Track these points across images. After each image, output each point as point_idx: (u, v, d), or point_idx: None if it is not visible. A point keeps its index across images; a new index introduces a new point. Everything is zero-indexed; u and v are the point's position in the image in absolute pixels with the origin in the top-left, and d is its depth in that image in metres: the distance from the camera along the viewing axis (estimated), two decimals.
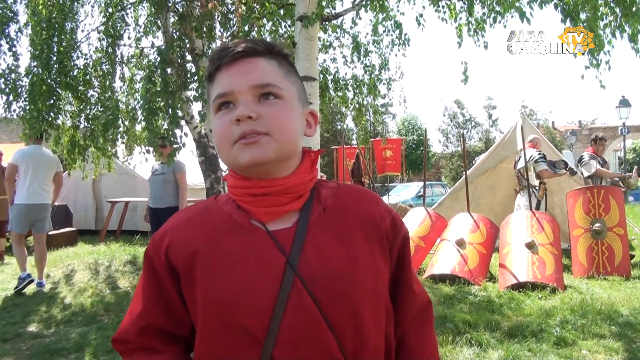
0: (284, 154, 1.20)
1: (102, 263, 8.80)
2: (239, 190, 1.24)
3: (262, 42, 1.25)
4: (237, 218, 1.23)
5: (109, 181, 13.18)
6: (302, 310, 1.13)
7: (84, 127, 8.56)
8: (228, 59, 1.20)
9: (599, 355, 4.50)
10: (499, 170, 9.99)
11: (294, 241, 1.18)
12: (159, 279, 1.25)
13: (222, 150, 1.21)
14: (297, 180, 1.23)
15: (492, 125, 38.15)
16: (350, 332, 1.16)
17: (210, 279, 1.17)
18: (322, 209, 1.25)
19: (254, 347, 1.12)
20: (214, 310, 1.16)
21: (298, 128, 1.24)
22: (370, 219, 1.28)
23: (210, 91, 1.25)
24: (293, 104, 1.24)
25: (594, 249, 7.51)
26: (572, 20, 5.47)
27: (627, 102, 23.18)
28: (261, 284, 1.14)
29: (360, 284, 1.20)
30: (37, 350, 5.04)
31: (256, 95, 1.18)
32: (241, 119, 1.15)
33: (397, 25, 7.82)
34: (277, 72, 1.23)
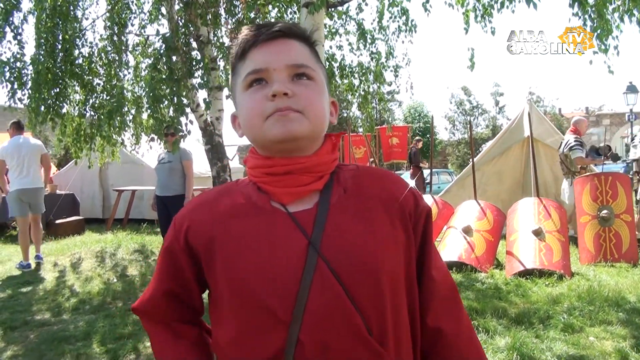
0: (314, 134, 1.21)
1: (109, 251, 8.84)
2: (259, 171, 1.25)
3: (297, 26, 1.27)
4: (257, 200, 1.23)
5: (116, 170, 13.20)
6: (326, 291, 1.13)
7: (89, 115, 8.55)
8: (265, 37, 1.21)
9: (606, 341, 4.49)
10: (506, 158, 9.95)
11: (315, 222, 1.18)
12: (176, 261, 1.27)
13: (253, 125, 1.21)
14: (319, 160, 1.24)
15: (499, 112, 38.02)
16: (374, 311, 1.16)
17: (232, 262, 1.18)
18: (342, 190, 1.25)
19: (280, 330, 1.12)
20: (237, 294, 1.17)
21: (326, 112, 1.25)
22: (392, 198, 1.27)
23: (240, 68, 1.25)
24: (323, 88, 1.26)
25: (602, 235, 7.48)
26: (581, 5, 5.41)
27: (634, 89, 23.02)
28: (284, 266, 1.14)
29: (383, 263, 1.19)
30: (44, 338, 5.06)
31: (291, 74, 1.20)
32: (277, 95, 1.16)
33: (404, 12, 7.77)
34: (309, 55, 1.25)
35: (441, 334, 1.29)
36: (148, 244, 9.52)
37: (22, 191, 8.02)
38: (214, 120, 8.14)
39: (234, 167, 11.83)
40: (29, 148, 8.09)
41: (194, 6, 6.74)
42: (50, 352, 4.71)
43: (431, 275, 1.32)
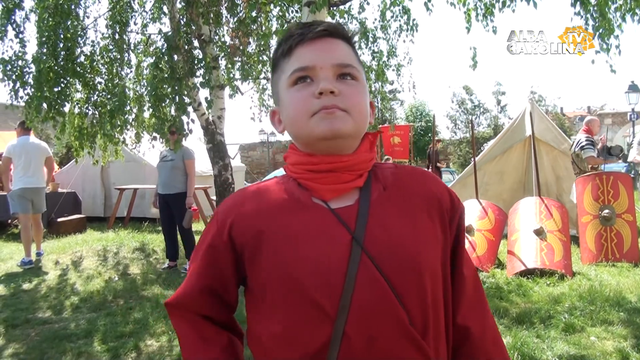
0: (357, 133, 1.24)
1: (110, 250, 8.85)
2: (301, 167, 1.27)
3: (342, 27, 1.30)
4: (300, 196, 1.25)
5: (117, 168, 13.20)
6: (372, 285, 1.14)
7: (91, 114, 8.56)
8: (312, 35, 1.23)
9: (607, 341, 4.49)
10: (507, 157, 9.93)
11: (357, 218, 1.20)
12: (218, 256, 1.28)
13: (298, 122, 1.23)
14: (359, 158, 1.25)
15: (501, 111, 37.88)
16: (416, 305, 1.18)
17: (277, 258, 1.19)
18: (382, 188, 1.27)
19: (326, 323, 1.13)
20: (283, 288, 1.18)
21: (368, 112, 1.27)
22: (432, 196, 1.30)
23: (285, 65, 1.26)
24: (366, 88, 1.28)
25: (603, 235, 7.47)
26: (583, 4, 5.41)
27: (636, 88, 23.00)
28: (329, 261, 1.16)
29: (424, 258, 1.21)
30: (46, 336, 5.07)
31: (336, 73, 1.22)
32: (324, 93, 1.18)
33: (406, 11, 7.77)
34: (353, 56, 1.28)
35: (469, 333, 1.31)
36: (149, 242, 9.53)
37: (26, 190, 8.22)
38: (215, 119, 8.15)
39: (236, 166, 11.82)
40: (35, 149, 8.37)
41: (195, 5, 6.73)
42: (51, 350, 4.72)
43: (462, 273, 1.34)
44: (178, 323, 1.37)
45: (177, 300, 1.36)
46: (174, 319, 1.38)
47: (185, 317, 1.35)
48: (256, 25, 7.47)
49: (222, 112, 8.26)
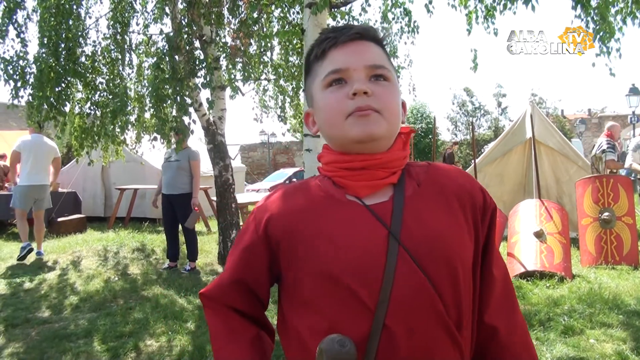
0: (390, 134, 1.27)
1: (110, 250, 8.86)
2: (335, 166, 1.30)
3: (374, 29, 1.33)
4: (334, 194, 1.28)
5: (118, 168, 13.20)
6: (410, 278, 1.17)
7: (92, 114, 8.57)
8: (345, 38, 1.27)
9: (606, 344, 4.49)
10: (508, 159, 9.94)
11: (392, 214, 1.23)
12: (253, 252, 1.31)
13: (333, 123, 1.26)
14: (393, 156, 1.28)
15: (502, 113, 37.85)
16: (452, 299, 1.21)
17: (315, 254, 1.22)
18: (416, 184, 1.30)
19: (366, 316, 1.16)
20: (322, 283, 1.20)
21: (400, 112, 1.30)
22: (465, 193, 1.32)
23: (319, 68, 1.30)
24: (398, 88, 1.31)
25: (603, 238, 7.47)
26: (583, 7, 5.41)
27: (637, 91, 22.99)
28: (367, 256, 1.18)
29: (458, 253, 1.24)
30: (46, 336, 5.08)
31: (369, 75, 1.25)
32: (358, 93, 1.21)
33: (407, 13, 7.77)
34: (384, 57, 1.31)
35: (496, 332, 1.32)
36: (149, 242, 9.53)
37: (30, 187, 8.44)
38: (216, 120, 8.16)
39: (236, 167, 11.83)
40: (44, 148, 8.61)
41: (197, 6, 6.74)
42: (51, 350, 4.73)
43: (492, 272, 1.35)
44: (209, 314, 1.39)
45: (210, 291, 1.39)
46: (207, 309, 1.41)
47: (216, 309, 1.38)
48: (257, 26, 7.48)
49: (223, 112, 8.27)
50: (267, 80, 9.90)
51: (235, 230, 8.14)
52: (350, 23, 1.75)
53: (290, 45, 8.62)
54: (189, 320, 5.45)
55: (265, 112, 10.43)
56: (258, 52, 8.67)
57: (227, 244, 8.09)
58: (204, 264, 8.17)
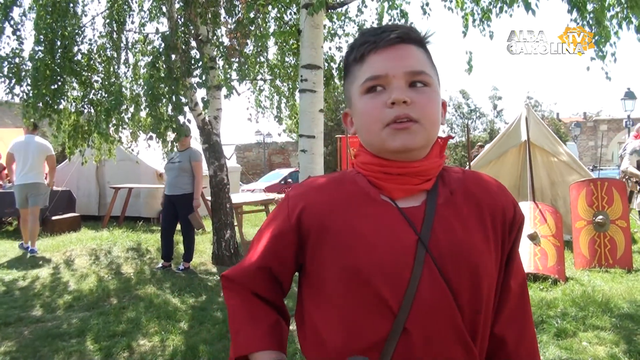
0: (429, 142, 1.27)
1: (104, 249, 8.83)
2: (372, 167, 1.29)
3: (415, 30, 1.31)
4: (370, 191, 1.28)
5: (113, 167, 13.16)
6: (434, 287, 1.17)
7: (87, 112, 8.55)
8: (385, 43, 1.25)
9: (599, 347, 4.51)
10: (502, 161, 9.95)
11: (424, 219, 1.23)
12: (282, 240, 1.31)
13: (371, 130, 1.25)
14: (430, 164, 1.28)
15: (497, 116, 37.96)
16: (471, 311, 1.21)
17: (343, 248, 1.22)
18: (449, 192, 1.29)
19: (387, 317, 1.17)
20: (347, 279, 1.21)
21: (439, 117, 1.29)
22: (497, 206, 1.31)
23: (358, 72, 1.28)
24: (438, 93, 1.29)
25: (597, 241, 7.50)
26: (579, 11, 5.42)
27: (632, 95, 23.08)
28: (396, 258, 1.19)
29: (485, 266, 1.24)
30: (38, 335, 5.07)
31: (408, 81, 1.23)
32: (397, 103, 1.20)
33: (403, 14, 7.77)
34: (426, 60, 1.29)
35: (504, 344, 1.32)
36: (144, 242, 9.51)
37: (24, 186, 8.72)
38: (212, 120, 8.15)
39: (231, 167, 11.82)
40: (36, 147, 8.84)
41: (194, 5, 6.73)
42: (44, 349, 4.72)
43: (509, 284, 1.34)
44: (230, 296, 1.40)
45: (234, 274, 1.39)
46: (227, 291, 1.41)
47: (238, 292, 1.38)
48: (254, 26, 7.47)
49: (218, 112, 8.26)
50: (263, 81, 9.89)
51: (229, 230, 8.13)
52: (393, 24, 1.72)
53: (287, 46, 8.61)
54: (182, 320, 5.44)
55: (261, 112, 10.41)
56: (254, 52, 8.67)
57: (221, 244, 8.08)
58: (198, 263, 8.16)
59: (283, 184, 24.68)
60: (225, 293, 1.42)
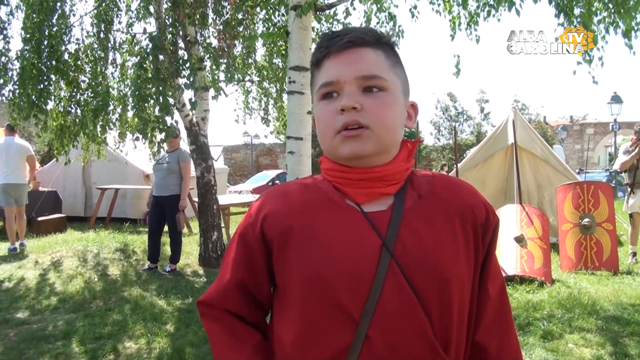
0: (383, 148, 1.23)
1: (91, 250, 8.78)
2: (335, 173, 1.27)
3: (371, 32, 1.27)
4: (334, 197, 1.25)
5: (99, 168, 13.09)
6: (398, 293, 1.14)
7: (74, 113, 8.50)
8: (337, 48, 1.22)
9: (584, 348, 4.53)
10: (489, 164, 10.01)
11: (389, 224, 1.20)
12: (250, 251, 1.28)
13: (324, 138, 1.25)
14: (394, 169, 1.25)
15: (484, 119, 38.07)
16: (441, 318, 1.18)
17: (307, 254, 1.19)
18: (417, 196, 1.26)
19: (349, 326, 1.14)
20: (310, 285, 1.18)
21: (399, 121, 1.26)
22: (467, 209, 1.28)
23: (316, 78, 1.28)
24: (397, 97, 1.25)
25: (583, 243, 7.54)
26: (566, 15, 5.45)
27: (618, 99, 23.19)
28: (358, 264, 1.16)
29: (454, 272, 1.21)
30: (24, 337, 5.03)
31: (361, 86, 1.20)
32: (345, 109, 1.17)
33: (391, 17, 7.79)
34: (383, 63, 1.25)
35: (485, 353, 1.29)
36: (130, 243, 9.46)
37: (7, 185, 8.96)
38: (199, 121, 8.13)
39: (218, 168, 11.79)
40: (16, 148, 9.04)
41: (182, 6, 6.72)
42: (29, 351, 4.68)
43: (487, 290, 1.32)
44: (209, 322, 1.35)
45: (209, 298, 1.35)
46: (205, 318, 1.37)
47: (217, 316, 1.34)
48: (242, 27, 7.46)
49: (206, 113, 8.24)
50: (251, 82, 9.87)
51: (216, 231, 8.11)
52: (349, 27, 1.67)
53: (275, 47, 8.60)
54: (169, 323, 5.42)
55: (249, 114, 10.39)
56: (242, 54, 8.66)
57: (208, 246, 8.06)
58: (185, 265, 8.13)
59: (270, 186, 24.63)
60: (203, 321, 1.38)
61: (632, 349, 4.48)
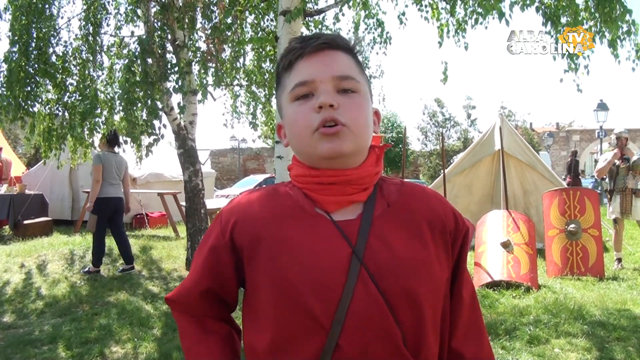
0: (359, 148, 1.23)
1: (77, 254, 8.74)
2: (305, 179, 1.26)
3: (342, 38, 1.29)
4: (304, 204, 1.24)
5: (86, 171, 12.98)
6: (368, 301, 1.14)
7: (61, 115, 8.46)
8: (311, 49, 1.23)
9: (571, 353, 4.56)
10: (476, 170, 10.05)
11: (359, 233, 1.20)
12: (219, 257, 1.26)
13: (300, 137, 1.23)
14: (364, 172, 1.25)
15: (471, 125, 38.18)
16: (412, 325, 1.18)
17: (277, 263, 1.18)
18: (386, 204, 1.27)
19: (319, 334, 1.13)
20: (280, 294, 1.17)
21: (370, 124, 1.27)
22: (436, 217, 1.29)
23: (286, 80, 1.27)
24: (368, 100, 1.27)
25: (569, 249, 7.59)
26: (553, 24, 5.50)
27: (604, 106, 23.38)
28: (328, 272, 1.16)
29: (423, 279, 1.21)
30: (10, 341, 5.00)
31: (336, 86, 1.21)
32: (323, 106, 1.18)
33: (380, 24, 7.82)
34: (354, 66, 1.27)
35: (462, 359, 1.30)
36: (116, 247, 9.41)
37: None
38: (187, 125, 8.11)
39: (206, 172, 11.77)
40: None
41: (171, 10, 6.71)
42: (15, 356, 4.66)
43: (461, 296, 1.34)
44: (178, 315, 1.37)
45: (177, 298, 1.36)
46: (175, 312, 1.39)
47: (184, 311, 1.36)
48: (231, 32, 7.46)
49: (194, 117, 8.23)
50: (239, 86, 9.87)
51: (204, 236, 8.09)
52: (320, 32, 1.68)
53: (263, 52, 8.61)
54: (155, 327, 5.40)
55: (237, 118, 10.38)
56: (231, 58, 8.65)
57: (195, 250, 8.03)
58: (172, 269, 8.11)
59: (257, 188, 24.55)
60: (173, 313, 1.40)
61: (617, 353, 4.52)
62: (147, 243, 9.68)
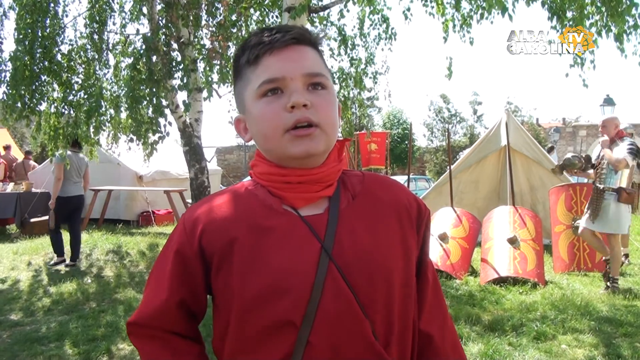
0: (330, 146, 1.22)
1: (83, 251, 8.75)
2: (272, 177, 1.24)
3: (309, 32, 1.25)
4: (271, 203, 1.22)
5: (92, 169, 12.93)
6: (338, 296, 1.14)
7: (67, 114, 8.48)
8: (280, 44, 1.18)
9: (578, 349, 4.55)
10: (482, 166, 10.02)
11: (327, 227, 1.19)
12: (188, 266, 1.22)
13: (270, 137, 1.19)
14: (329, 169, 1.24)
15: (477, 120, 38.03)
16: (382, 315, 1.18)
17: (249, 265, 1.17)
18: (350, 197, 1.26)
19: (290, 332, 1.13)
20: (252, 295, 1.15)
21: (338, 119, 1.25)
22: (400, 204, 1.30)
23: (252, 75, 1.22)
24: (335, 96, 1.25)
25: (576, 245, 7.56)
26: (559, 18, 5.48)
27: (611, 101, 23.25)
28: (298, 269, 1.15)
29: (393, 269, 1.21)
30: (17, 339, 5.02)
31: (306, 83, 1.18)
32: (296, 106, 1.15)
33: (385, 19, 7.81)
34: (321, 62, 1.25)
35: (431, 340, 1.31)
36: (124, 244, 9.44)
37: None
38: (192, 122, 8.12)
39: (212, 169, 11.77)
40: None
41: (175, 7, 6.71)
42: (22, 353, 4.68)
43: (427, 277, 1.35)
44: (144, 342, 1.28)
45: (144, 318, 1.27)
46: (138, 338, 1.29)
47: (152, 335, 1.27)
48: (236, 29, 7.46)
49: (199, 114, 8.23)
50: None
51: None
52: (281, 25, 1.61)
53: None
54: None
55: None
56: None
57: None
58: None
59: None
60: (135, 341, 1.29)
61: (624, 349, 4.50)
62: (153, 240, 9.68)
